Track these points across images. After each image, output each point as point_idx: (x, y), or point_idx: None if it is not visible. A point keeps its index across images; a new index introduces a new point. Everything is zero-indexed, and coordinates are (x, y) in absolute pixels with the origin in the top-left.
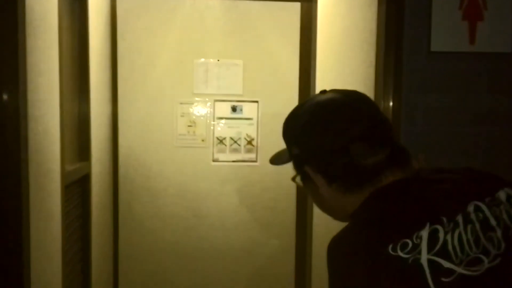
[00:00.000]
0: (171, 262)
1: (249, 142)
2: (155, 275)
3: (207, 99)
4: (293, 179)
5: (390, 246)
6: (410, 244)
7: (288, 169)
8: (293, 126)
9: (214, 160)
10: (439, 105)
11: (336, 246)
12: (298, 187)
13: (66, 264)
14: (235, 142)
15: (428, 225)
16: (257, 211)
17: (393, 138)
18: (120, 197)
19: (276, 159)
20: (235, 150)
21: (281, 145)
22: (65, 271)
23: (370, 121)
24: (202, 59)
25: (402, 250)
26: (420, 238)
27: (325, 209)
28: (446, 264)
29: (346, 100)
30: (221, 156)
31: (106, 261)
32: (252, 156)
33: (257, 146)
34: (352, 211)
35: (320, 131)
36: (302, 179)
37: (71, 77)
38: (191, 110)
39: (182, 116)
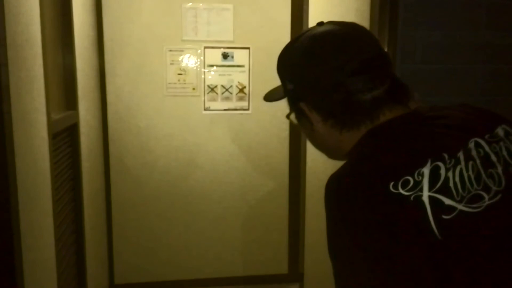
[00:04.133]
0: (165, 211)
1: (241, 90)
2: (148, 224)
3: (197, 46)
4: (288, 116)
5: (392, 184)
6: (412, 182)
7: (280, 116)
8: (288, 60)
9: (205, 109)
10: (436, 41)
11: (334, 183)
12: (292, 127)
13: (57, 215)
14: (227, 90)
15: (429, 162)
16: (250, 159)
17: (392, 73)
18: (111, 147)
19: (270, 96)
20: (227, 98)
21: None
22: (56, 221)
23: (369, 54)
24: (190, 4)
25: (403, 187)
26: (422, 175)
27: (320, 147)
28: (447, 201)
29: (344, 32)
30: (212, 105)
31: (98, 211)
32: (244, 104)
33: (249, 94)
34: (349, 149)
35: (316, 65)
36: (297, 116)
37: (54, 25)
38: (180, 57)
39: (171, 64)
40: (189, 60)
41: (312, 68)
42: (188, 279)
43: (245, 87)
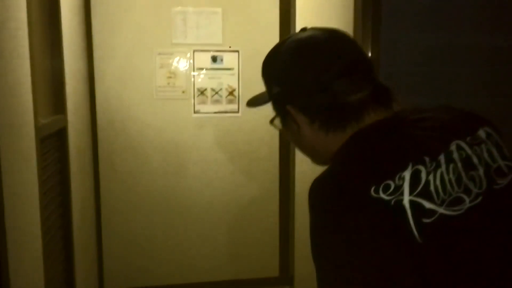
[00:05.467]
0: (154, 215)
1: (231, 93)
2: (138, 229)
3: (186, 49)
4: (272, 121)
5: (372, 188)
6: (393, 186)
7: (270, 118)
8: (274, 64)
9: (195, 112)
10: (418, 44)
11: (317, 187)
12: (280, 133)
13: (45, 220)
14: (216, 93)
15: (410, 165)
16: (240, 161)
17: (375, 77)
18: (100, 151)
19: (254, 101)
20: (217, 101)
21: None
22: (43, 227)
23: (352, 58)
24: (179, 7)
25: (384, 192)
26: (403, 179)
27: (307, 150)
28: (428, 205)
29: (327, 37)
30: (202, 108)
31: (87, 215)
32: (234, 107)
33: (238, 97)
34: (334, 151)
35: (302, 68)
36: (282, 119)
37: (41, 27)
38: (170, 61)
39: (161, 67)
40: (178, 64)
41: (299, 70)
42: (178, 284)
43: (234, 90)
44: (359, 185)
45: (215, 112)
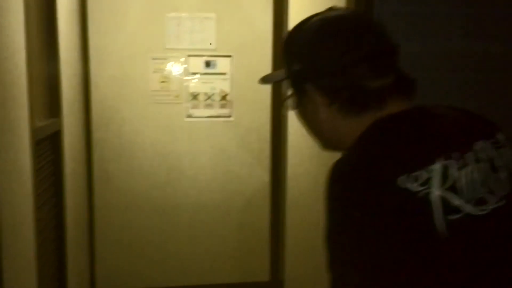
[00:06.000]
0: (147, 218)
1: (223, 98)
2: (130, 231)
3: (180, 54)
4: (285, 100)
5: (400, 178)
6: (421, 178)
7: (262, 123)
8: (298, 40)
9: (188, 116)
10: (412, 51)
11: (339, 170)
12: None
13: (38, 221)
14: (209, 97)
15: (440, 159)
16: (231, 165)
17: (399, 65)
18: (94, 154)
19: (269, 78)
20: (209, 106)
21: (256, 100)
22: (37, 228)
23: (379, 43)
24: (174, 13)
25: (412, 183)
26: (432, 172)
27: (318, 133)
28: (455, 201)
29: (355, 19)
30: (195, 112)
31: (81, 217)
32: (226, 111)
33: (231, 101)
34: (348, 138)
35: (328, 47)
36: (298, 99)
37: (38, 33)
38: (163, 65)
39: (154, 72)
40: (172, 68)
41: (324, 48)
42: (169, 286)
43: (227, 94)
44: (387, 173)
45: (208, 117)
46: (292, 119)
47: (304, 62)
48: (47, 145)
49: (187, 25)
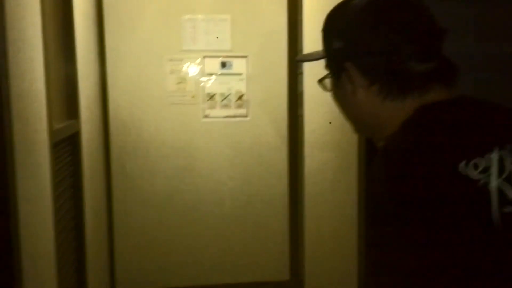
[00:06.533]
0: (165, 218)
1: (240, 98)
2: (149, 232)
3: (196, 55)
4: (321, 80)
5: (463, 163)
6: (482, 166)
7: (279, 122)
8: (341, 17)
9: (204, 117)
10: None
11: (395, 154)
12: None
13: (57, 223)
14: (226, 98)
15: (497, 149)
16: (249, 165)
17: (443, 51)
18: (112, 155)
19: (305, 57)
20: (226, 106)
21: (272, 100)
22: (56, 229)
23: (426, 25)
24: (189, 15)
25: (473, 170)
26: (491, 161)
27: (354, 116)
28: (510, 194)
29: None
30: (211, 113)
31: (100, 218)
32: (242, 111)
33: (247, 102)
34: (389, 124)
35: (372, 25)
36: (336, 79)
37: (55, 35)
38: (180, 67)
39: (171, 73)
40: (188, 69)
41: (368, 27)
42: (188, 286)
43: (243, 94)
44: (449, 156)
45: (224, 117)
46: (309, 118)
47: (346, 40)
48: (66, 147)
49: (202, 26)
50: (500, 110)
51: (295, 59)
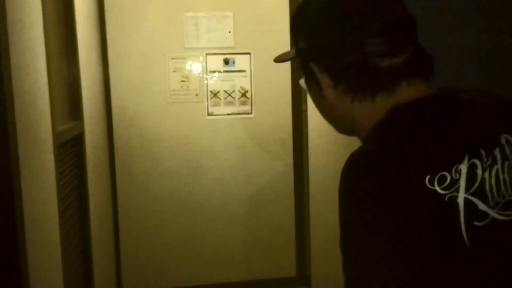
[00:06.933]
0: (171, 217)
1: (243, 95)
2: (155, 231)
3: (198, 53)
4: (300, 81)
5: (428, 178)
6: (449, 179)
7: (283, 119)
8: (303, 16)
9: (209, 114)
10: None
11: (360, 163)
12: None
13: (63, 224)
14: (229, 95)
15: (467, 157)
16: (254, 162)
17: (416, 41)
18: (116, 155)
19: (280, 57)
20: (230, 103)
21: (276, 96)
22: (62, 231)
23: (393, 16)
24: (191, 13)
25: (439, 184)
26: (459, 172)
27: (328, 117)
28: (482, 206)
29: None
30: (216, 110)
31: (105, 219)
32: (247, 108)
33: (251, 98)
34: (363, 125)
35: (332, 23)
36: (306, 79)
37: (57, 36)
38: (183, 65)
39: (174, 71)
40: (191, 67)
41: (329, 25)
42: (195, 285)
43: (247, 91)
44: (413, 171)
45: (229, 114)
46: (313, 114)
47: (308, 40)
48: (70, 148)
49: (204, 24)
50: (480, 104)
51: (274, 60)
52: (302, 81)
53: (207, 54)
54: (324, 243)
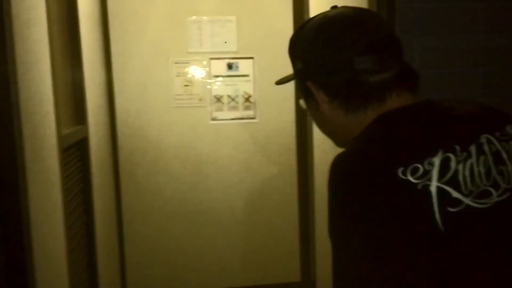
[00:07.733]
0: (175, 221)
1: (247, 99)
2: (159, 235)
3: (202, 57)
4: (299, 101)
5: (401, 170)
6: (421, 170)
7: (287, 123)
8: (299, 40)
9: (212, 119)
10: (433, 46)
11: (340, 163)
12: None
13: (68, 228)
14: (233, 99)
15: (440, 152)
16: (257, 167)
17: (402, 58)
18: (120, 160)
19: (282, 79)
20: (233, 108)
21: (280, 100)
22: (68, 235)
23: (379, 35)
24: (194, 17)
25: (412, 174)
26: (432, 164)
27: (327, 131)
28: (455, 193)
29: (354, 14)
30: (219, 115)
31: (110, 223)
32: (250, 113)
33: (255, 103)
34: (355, 133)
35: (324, 44)
36: (304, 97)
37: (61, 41)
38: (186, 69)
39: (177, 76)
40: (195, 72)
41: (321, 46)
42: None
43: (250, 96)
44: (387, 164)
45: (232, 119)
46: None
47: (304, 61)
48: (74, 152)
49: (208, 28)
50: (461, 110)
51: (275, 83)
52: (301, 101)
53: (210, 58)
54: (329, 248)
